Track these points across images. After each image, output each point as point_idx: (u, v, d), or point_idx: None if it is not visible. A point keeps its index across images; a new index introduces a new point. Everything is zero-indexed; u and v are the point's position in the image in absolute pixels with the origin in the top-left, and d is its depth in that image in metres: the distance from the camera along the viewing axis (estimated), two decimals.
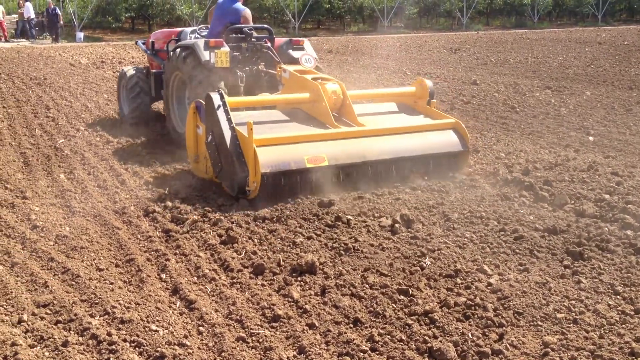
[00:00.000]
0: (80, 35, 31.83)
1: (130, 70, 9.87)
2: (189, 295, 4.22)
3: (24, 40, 31.06)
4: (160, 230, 5.49)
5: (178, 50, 8.23)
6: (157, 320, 3.91)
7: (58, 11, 31.20)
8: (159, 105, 10.52)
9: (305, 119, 6.90)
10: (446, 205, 5.98)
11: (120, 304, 4.09)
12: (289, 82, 7.48)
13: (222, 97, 6.36)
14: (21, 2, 30.65)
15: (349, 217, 5.60)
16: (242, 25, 8.43)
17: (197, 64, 7.74)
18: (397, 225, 5.40)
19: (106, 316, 3.95)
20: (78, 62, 19.48)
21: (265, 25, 8.88)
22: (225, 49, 7.81)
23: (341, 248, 4.96)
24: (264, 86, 8.14)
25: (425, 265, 4.63)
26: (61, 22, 31.74)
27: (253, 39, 8.39)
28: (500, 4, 45.74)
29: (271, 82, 8.10)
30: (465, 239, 5.12)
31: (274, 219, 5.63)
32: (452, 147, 6.93)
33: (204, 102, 6.53)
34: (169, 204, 6.06)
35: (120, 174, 7.08)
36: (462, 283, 4.34)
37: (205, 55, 7.68)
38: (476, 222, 5.51)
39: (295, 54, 8.46)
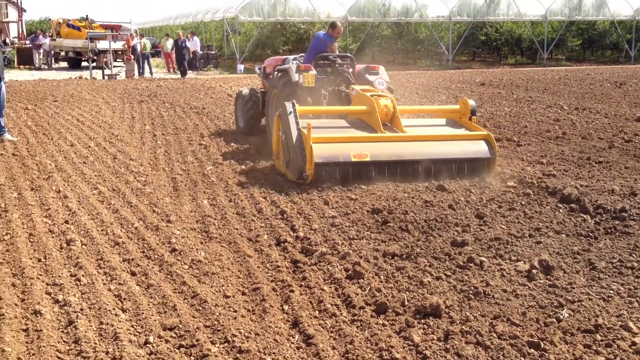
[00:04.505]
0: (241, 67, 33.55)
1: (245, 91, 12.12)
2: (308, 330, 4.17)
3: (190, 71, 33.23)
4: (288, 260, 5.52)
5: (276, 72, 10.38)
6: (274, 353, 3.89)
7: (188, 44, 30.43)
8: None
9: (362, 126, 8.59)
10: (593, 252, 5.51)
11: (240, 332, 4.13)
12: (355, 98, 9.29)
13: (293, 106, 8.13)
14: (189, 35, 32.66)
15: (483, 258, 5.32)
16: (329, 54, 10.43)
17: (289, 83, 9.66)
18: (534, 270, 5.04)
19: (226, 344, 3.99)
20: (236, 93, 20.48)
21: (348, 54, 10.81)
22: (312, 72, 9.70)
23: (470, 291, 4.69)
24: (343, 102, 9.82)
25: (562, 317, 4.26)
26: (190, 56, 30.42)
27: (336, 65, 10.26)
28: None
29: (348, 99, 9.73)
30: (611, 291, 4.66)
31: (404, 256, 5.47)
32: (482, 154, 8.26)
33: None
34: (301, 234, 6.10)
35: (258, 202, 7.25)
36: (602, 340, 3.93)
37: (296, 76, 9.64)
38: (626, 273, 5.01)
39: (371, 77, 10.14)
